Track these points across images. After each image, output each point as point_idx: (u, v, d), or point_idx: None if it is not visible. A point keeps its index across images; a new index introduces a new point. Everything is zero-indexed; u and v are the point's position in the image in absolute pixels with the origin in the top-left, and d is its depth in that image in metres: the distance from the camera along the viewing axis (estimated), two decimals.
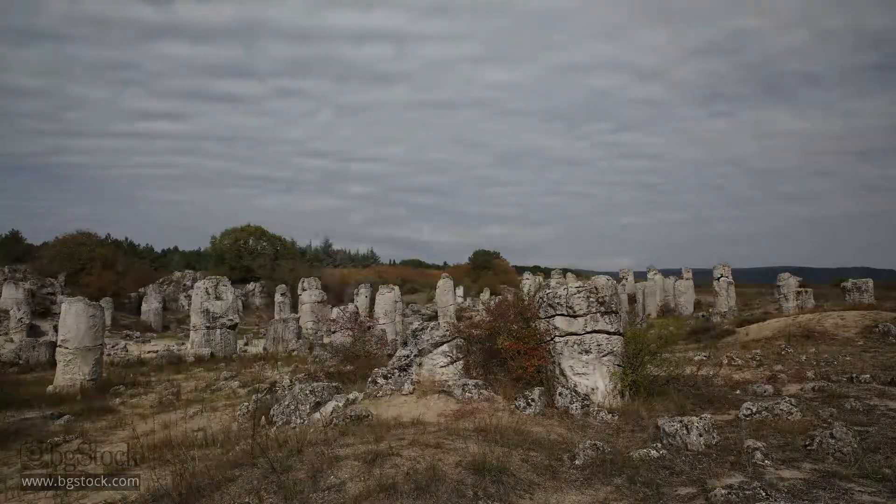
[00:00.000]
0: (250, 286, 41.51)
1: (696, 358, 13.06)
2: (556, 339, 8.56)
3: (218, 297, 18.74)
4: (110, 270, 35.96)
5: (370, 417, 7.36)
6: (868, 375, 9.98)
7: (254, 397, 10.05)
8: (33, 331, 23.20)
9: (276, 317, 27.16)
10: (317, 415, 8.15)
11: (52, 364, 13.30)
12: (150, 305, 31.82)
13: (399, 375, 8.94)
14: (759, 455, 5.73)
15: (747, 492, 4.59)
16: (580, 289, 8.70)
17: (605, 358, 8.34)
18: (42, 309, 27.67)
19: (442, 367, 8.92)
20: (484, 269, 61.65)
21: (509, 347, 8.59)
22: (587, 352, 8.34)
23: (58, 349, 12.50)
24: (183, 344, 21.39)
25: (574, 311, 8.52)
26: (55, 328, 18.91)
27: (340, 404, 8.31)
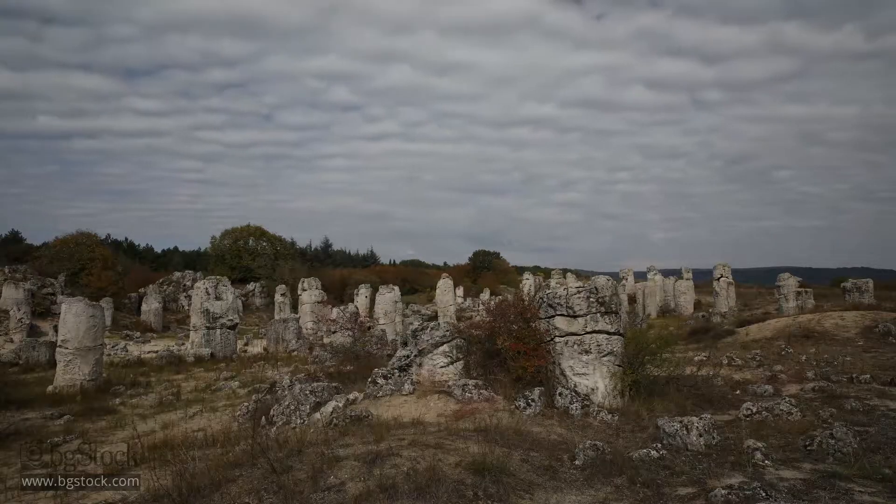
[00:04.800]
0: (250, 286, 41.51)
1: (696, 358, 13.05)
2: (556, 339, 8.55)
3: (218, 298, 18.74)
4: (110, 271, 35.92)
5: (370, 418, 7.35)
6: (868, 375, 9.98)
7: (254, 397, 10.06)
8: (33, 331, 23.19)
9: (276, 317, 27.15)
10: (317, 415, 8.15)
11: (52, 364, 13.29)
12: (150, 306, 31.81)
13: (399, 375, 8.93)
14: (759, 455, 5.73)
15: (747, 492, 4.59)
16: (580, 289, 8.70)
17: (605, 358, 8.34)
18: (42, 309, 27.65)
19: (442, 367, 8.91)
20: (484, 269, 61.69)
21: (509, 347, 8.59)
22: (587, 352, 8.34)
23: (58, 349, 12.49)
24: (183, 344, 21.38)
25: (574, 312, 8.52)
26: (55, 328, 18.90)
27: (340, 404, 8.31)
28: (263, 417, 8.41)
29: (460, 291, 44.12)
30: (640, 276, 38.92)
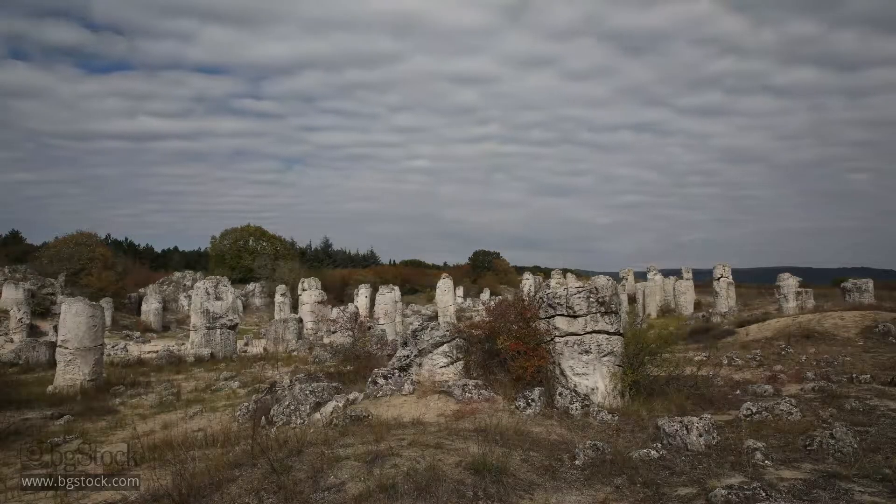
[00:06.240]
0: (250, 286, 41.48)
1: (696, 358, 13.05)
2: (556, 339, 8.55)
3: (218, 298, 18.73)
4: (110, 270, 35.94)
5: (370, 417, 7.35)
6: (868, 375, 9.98)
7: (254, 397, 10.05)
8: (33, 331, 23.20)
9: (276, 317, 27.15)
10: (317, 415, 8.15)
11: (52, 364, 13.29)
12: (150, 306, 31.82)
13: (399, 375, 8.93)
14: (759, 455, 5.73)
15: (747, 492, 4.58)
16: (580, 289, 8.70)
17: (605, 358, 8.34)
18: (42, 309, 27.67)
19: (442, 367, 8.92)
20: (484, 269, 61.72)
21: (509, 348, 8.58)
22: (587, 352, 8.34)
23: (58, 349, 12.50)
24: (183, 344, 21.39)
25: (574, 312, 8.52)
26: (55, 328, 18.91)
27: (340, 404, 8.31)
28: (263, 417, 8.40)
29: (460, 291, 44.11)
30: (641, 276, 38.92)
